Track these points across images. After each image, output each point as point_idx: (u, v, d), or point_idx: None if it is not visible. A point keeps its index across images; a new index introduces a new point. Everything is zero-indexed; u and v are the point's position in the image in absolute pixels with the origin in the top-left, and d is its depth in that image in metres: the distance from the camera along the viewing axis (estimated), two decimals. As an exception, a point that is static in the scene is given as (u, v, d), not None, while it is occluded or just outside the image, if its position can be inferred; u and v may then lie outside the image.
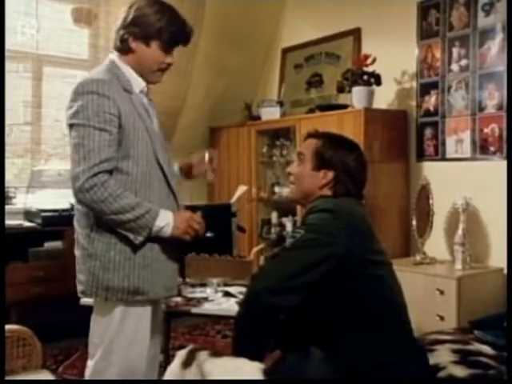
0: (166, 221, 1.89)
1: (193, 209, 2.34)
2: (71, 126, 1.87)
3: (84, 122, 1.83)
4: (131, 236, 1.86)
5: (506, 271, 3.18)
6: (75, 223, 1.99)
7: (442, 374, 1.92)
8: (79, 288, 1.97)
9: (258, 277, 1.75)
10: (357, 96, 3.66)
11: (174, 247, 2.03)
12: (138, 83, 2.01)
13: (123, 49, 1.98)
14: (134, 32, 1.95)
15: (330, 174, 1.84)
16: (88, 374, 2.00)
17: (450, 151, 3.58)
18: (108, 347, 1.94)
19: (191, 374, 1.80)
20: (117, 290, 1.90)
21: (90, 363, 2.00)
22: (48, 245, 3.77)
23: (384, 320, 1.72)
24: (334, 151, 1.86)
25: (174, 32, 1.99)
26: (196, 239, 1.99)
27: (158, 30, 1.94)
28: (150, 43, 1.96)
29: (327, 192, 1.85)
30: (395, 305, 1.78)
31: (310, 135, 1.95)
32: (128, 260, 1.90)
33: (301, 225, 1.81)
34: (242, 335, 1.76)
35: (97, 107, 1.84)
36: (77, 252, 1.98)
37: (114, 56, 2.02)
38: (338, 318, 1.71)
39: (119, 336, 1.94)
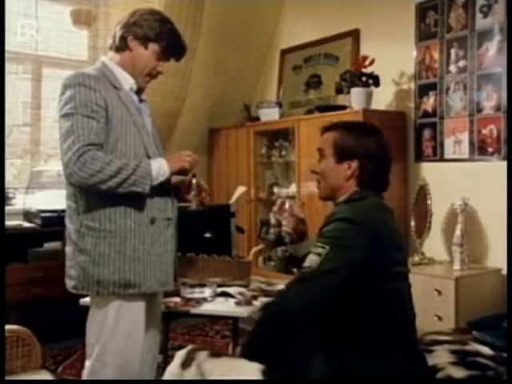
0: (159, 163, 1.96)
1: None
2: (60, 117, 1.92)
3: (72, 111, 1.88)
4: (138, 189, 1.89)
5: (504, 272, 3.19)
6: (66, 220, 2.02)
7: (440, 374, 1.91)
8: (71, 283, 1.99)
9: (284, 296, 1.74)
10: (355, 97, 3.67)
11: (170, 242, 2.05)
12: (127, 80, 2.06)
13: (120, 46, 2.05)
14: (135, 32, 2.02)
15: (354, 164, 1.79)
16: (85, 374, 2.02)
17: (448, 152, 3.59)
18: (103, 347, 1.96)
19: (190, 374, 1.81)
20: (108, 283, 1.92)
21: (87, 363, 2.02)
22: (47, 245, 3.78)
23: (389, 333, 1.70)
24: (353, 139, 1.80)
25: (171, 42, 2.07)
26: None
27: (158, 34, 2.03)
28: (148, 45, 2.04)
29: (353, 183, 1.81)
30: (403, 317, 1.76)
31: (326, 129, 1.89)
32: (118, 253, 1.92)
33: (320, 237, 1.73)
34: (258, 341, 1.76)
35: (84, 98, 1.89)
36: (68, 248, 2.00)
37: (104, 58, 2.09)
38: (342, 327, 1.70)
39: (114, 334, 1.96)
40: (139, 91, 2.11)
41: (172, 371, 1.86)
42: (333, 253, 1.65)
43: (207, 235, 2.80)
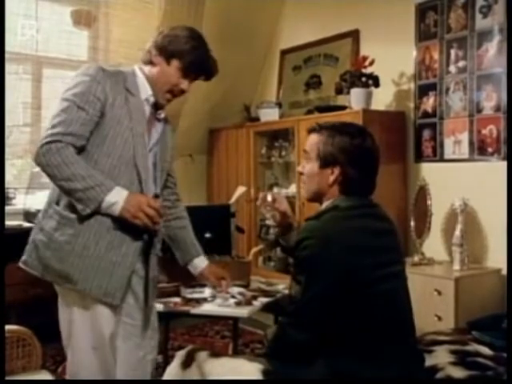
0: (116, 198, 1.84)
1: (191, 209, 2.35)
2: (60, 98, 1.92)
3: (69, 97, 1.88)
4: (79, 206, 1.84)
5: (504, 272, 3.19)
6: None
7: (440, 374, 1.92)
8: (23, 257, 2.01)
9: (281, 331, 1.78)
10: (355, 97, 3.67)
11: (133, 258, 1.95)
12: (145, 90, 2.03)
13: (145, 58, 2.05)
14: (159, 47, 2.01)
15: (337, 170, 1.78)
16: (68, 372, 2.02)
17: (448, 152, 3.59)
18: (72, 350, 1.97)
19: (191, 374, 1.81)
20: (52, 270, 1.90)
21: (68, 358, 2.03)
22: (47, 246, 3.77)
23: (386, 333, 1.70)
24: (336, 145, 1.78)
25: (196, 59, 2.03)
26: (150, 229, 1.90)
27: (181, 50, 2.00)
28: (171, 61, 2.01)
29: (336, 190, 1.80)
30: (400, 316, 1.76)
31: (311, 130, 1.88)
32: (68, 244, 1.88)
33: (295, 261, 1.79)
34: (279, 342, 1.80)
35: (85, 88, 1.89)
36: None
37: (136, 66, 2.08)
38: (339, 329, 1.69)
39: (79, 341, 1.94)
40: (158, 107, 2.07)
41: (172, 371, 1.87)
42: (310, 279, 1.69)
43: (207, 235, 2.80)
